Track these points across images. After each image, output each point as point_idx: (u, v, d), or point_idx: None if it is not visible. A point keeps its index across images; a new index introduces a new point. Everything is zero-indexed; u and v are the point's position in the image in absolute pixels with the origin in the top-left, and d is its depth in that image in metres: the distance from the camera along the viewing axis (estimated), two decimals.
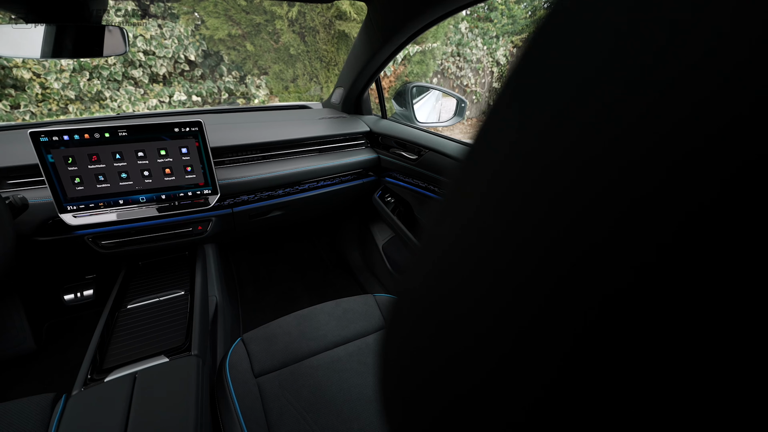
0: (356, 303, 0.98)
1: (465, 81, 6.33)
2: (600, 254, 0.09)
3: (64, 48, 0.67)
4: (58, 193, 0.85)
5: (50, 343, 1.35)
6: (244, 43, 3.58)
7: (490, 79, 6.57)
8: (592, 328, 0.09)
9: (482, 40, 6.14)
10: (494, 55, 6.31)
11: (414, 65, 4.27)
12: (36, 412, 0.69)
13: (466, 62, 6.18)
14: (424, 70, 4.39)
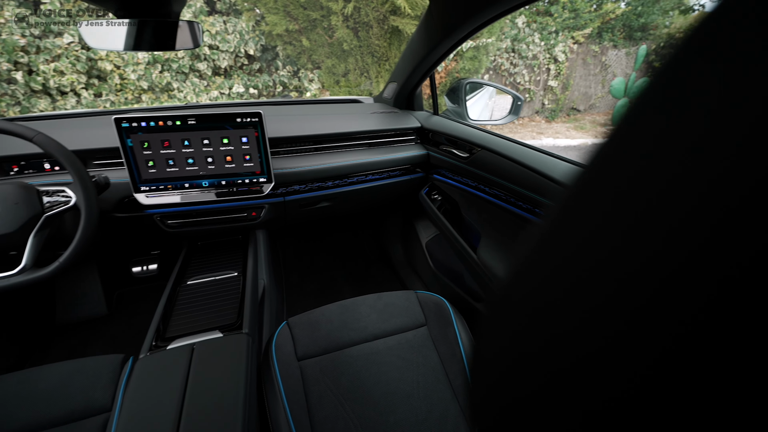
0: (398, 298, 0.98)
1: (518, 78, 6.09)
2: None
3: (145, 42, 0.73)
4: (134, 175, 0.93)
5: (119, 309, 1.50)
6: (300, 38, 3.69)
7: (546, 77, 6.26)
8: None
9: (540, 36, 5.86)
10: (552, 52, 6.00)
11: (466, 61, 4.17)
12: (108, 370, 0.77)
13: (521, 59, 5.93)
14: (476, 67, 4.27)
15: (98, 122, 1.12)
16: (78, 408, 0.71)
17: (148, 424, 0.59)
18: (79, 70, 3.39)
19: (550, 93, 6.40)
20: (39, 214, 0.78)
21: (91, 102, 3.53)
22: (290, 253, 1.77)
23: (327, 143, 1.16)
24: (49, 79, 3.30)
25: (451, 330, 0.90)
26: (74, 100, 3.48)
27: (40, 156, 0.95)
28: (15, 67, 3.20)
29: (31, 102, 3.33)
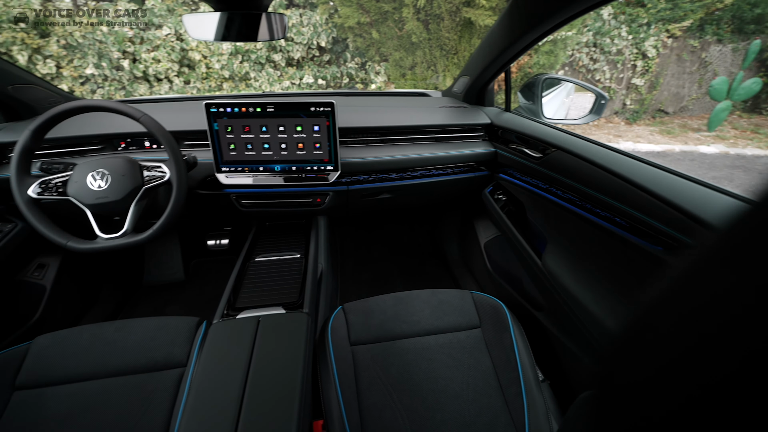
0: (452, 296, 0.97)
1: (598, 75, 5.60)
2: None
3: (238, 32, 0.79)
4: (217, 156, 1.02)
5: (194, 277, 1.65)
6: (371, 30, 3.74)
7: (630, 74, 5.68)
8: None
9: (628, 29, 5.32)
10: (641, 47, 5.42)
11: (541, 55, 3.93)
12: (185, 330, 0.86)
13: (603, 54, 5.44)
14: (551, 62, 4.00)
15: (188, 107, 1.24)
16: (160, 360, 0.80)
17: (219, 384, 0.64)
18: (173, 59, 3.76)
19: (633, 92, 5.81)
20: (140, 186, 0.88)
21: (181, 88, 3.90)
22: (348, 241, 1.82)
23: (393, 135, 1.17)
24: (148, 67, 3.71)
25: (507, 336, 0.86)
26: (167, 86, 3.88)
27: (143, 135, 1.08)
28: (123, 55, 3.64)
29: (133, 87, 3.78)
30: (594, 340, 0.83)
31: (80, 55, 3.53)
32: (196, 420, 0.59)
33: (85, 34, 3.48)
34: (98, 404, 0.73)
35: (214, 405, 0.61)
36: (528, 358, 0.83)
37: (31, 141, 0.83)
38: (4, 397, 0.72)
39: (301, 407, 0.61)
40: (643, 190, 0.69)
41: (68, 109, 0.84)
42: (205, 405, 0.61)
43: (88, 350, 0.80)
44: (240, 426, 0.58)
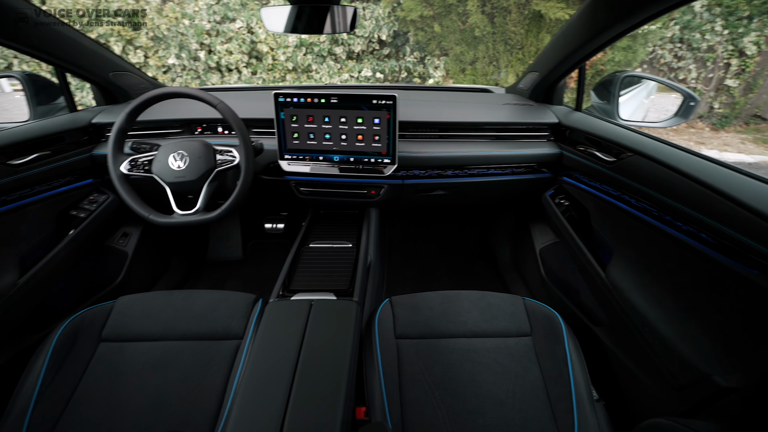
0: (503, 300, 0.94)
1: (682, 75, 5.04)
2: None
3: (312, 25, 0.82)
4: (281, 144, 1.07)
5: (251, 256, 1.76)
6: (433, 24, 3.68)
7: (723, 74, 5.05)
8: None
9: (724, 22, 4.71)
10: (738, 43, 4.78)
11: (617, 52, 3.61)
12: (243, 305, 0.91)
13: (690, 50, 4.88)
14: (628, 59, 3.67)
15: (256, 96, 1.31)
16: (220, 330, 0.86)
17: (273, 360, 0.68)
18: (243, 51, 3.99)
19: (724, 94, 5.15)
20: (212, 169, 0.95)
21: (248, 78, 4.14)
22: (397, 234, 1.83)
23: (452, 131, 1.14)
24: (221, 58, 3.97)
25: (560, 348, 0.82)
26: (237, 76, 4.13)
27: (217, 121, 1.16)
28: (200, 47, 3.94)
29: (207, 76, 4.07)
30: (662, 365, 0.76)
31: (164, 46, 3.87)
32: (251, 390, 0.63)
33: (170, 27, 3.80)
34: (167, 363, 0.80)
35: (268, 379, 0.65)
36: (582, 374, 0.78)
37: (126, 122, 0.93)
38: (92, 346, 0.82)
39: (348, 391, 0.63)
40: (737, 204, 0.61)
41: (158, 95, 0.92)
42: (260, 378, 0.65)
43: (160, 314, 0.88)
44: (291, 401, 0.61)
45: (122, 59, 1.22)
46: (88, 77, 1.14)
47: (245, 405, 0.60)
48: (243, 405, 0.60)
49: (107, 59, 1.15)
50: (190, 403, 0.74)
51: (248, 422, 0.58)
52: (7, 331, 0.93)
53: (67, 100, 1.15)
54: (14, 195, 0.93)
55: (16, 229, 0.95)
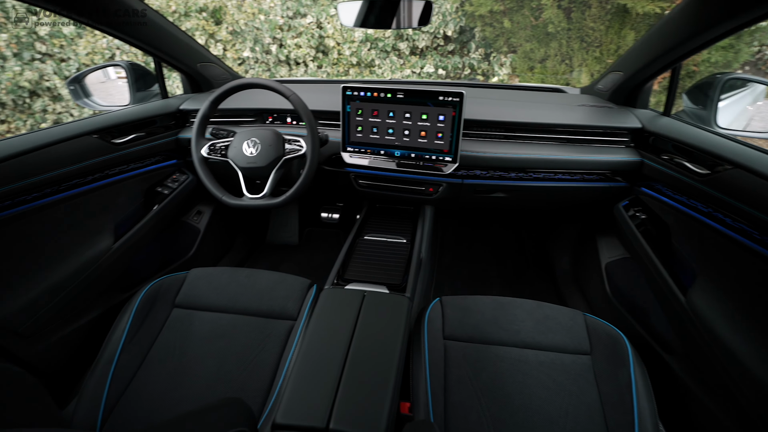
0: (561, 314, 0.88)
1: None
2: None
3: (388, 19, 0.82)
4: (345, 136, 1.10)
5: (305, 242, 1.84)
6: (503, 19, 3.54)
7: None
8: None
9: None
10: None
11: (714, 51, 3.20)
12: (299, 288, 0.96)
13: None
14: (728, 59, 3.23)
15: (322, 88, 1.36)
16: (276, 309, 0.91)
17: (325, 344, 0.71)
18: (311, 45, 4.15)
19: None
20: (281, 157, 1.00)
21: (313, 72, 4.30)
22: (449, 235, 1.80)
23: (519, 132, 1.09)
24: (290, 52, 4.16)
25: (624, 372, 0.75)
26: (303, 69, 4.31)
27: (287, 111, 1.22)
28: (273, 41, 4.16)
29: (276, 69, 4.29)
30: (750, 407, 0.67)
31: (241, 40, 4.15)
32: (305, 371, 0.66)
33: (247, 22, 4.06)
34: (228, 334, 0.87)
35: (320, 362, 0.67)
36: (649, 404, 0.71)
37: (209, 110, 1.01)
38: (167, 311, 0.91)
39: (396, 385, 0.63)
40: None
41: (238, 85, 0.99)
42: (313, 360, 0.68)
43: (225, 288, 0.95)
44: (341, 386, 0.63)
45: (208, 51, 1.33)
46: (180, 67, 1.25)
47: (298, 384, 0.63)
48: (296, 383, 0.63)
49: (196, 51, 1.26)
50: (246, 373, 0.80)
51: (301, 400, 0.61)
52: (102, 288, 1.06)
53: (160, 88, 1.28)
54: (115, 170, 1.06)
55: (114, 200, 1.08)
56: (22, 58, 4.29)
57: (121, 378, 0.78)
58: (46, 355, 0.90)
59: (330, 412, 0.59)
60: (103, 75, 1.37)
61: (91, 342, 1.00)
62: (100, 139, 1.01)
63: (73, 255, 0.96)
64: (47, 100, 4.50)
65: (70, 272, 0.95)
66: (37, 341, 0.88)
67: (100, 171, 1.01)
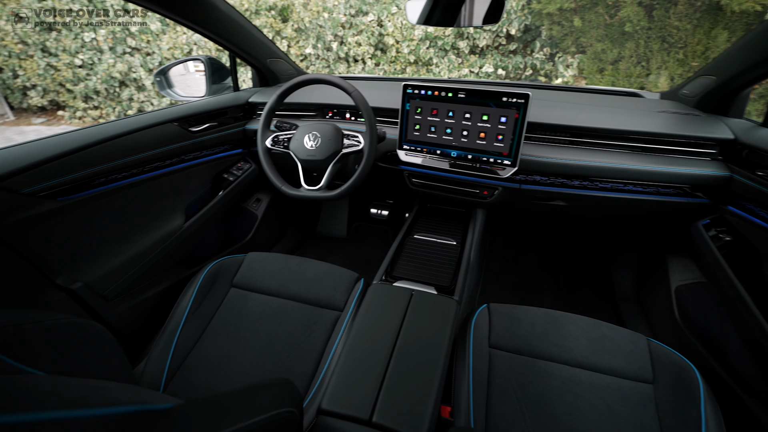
0: (620, 335, 0.82)
1: None
2: None
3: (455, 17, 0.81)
4: (402, 134, 1.10)
5: (353, 236, 1.88)
6: (573, 17, 3.34)
7: None
8: None
9: None
10: None
11: None
12: (346, 280, 0.98)
13: None
14: None
15: (381, 86, 1.37)
16: (324, 299, 0.94)
17: (372, 338, 0.72)
18: (371, 43, 4.21)
19: None
20: (339, 151, 1.03)
21: (371, 69, 4.36)
22: (498, 240, 1.74)
23: (587, 138, 1.03)
24: (350, 49, 4.25)
25: (693, 408, 0.68)
26: (361, 67, 4.38)
27: (346, 107, 1.24)
28: (334, 38, 4.27)
29: (335, 66, 4.41)
30: None
31: (304, 37, 4.31)
32: (351, 361, 0.68)
33: (312, 20, 4.21)
34: (279, 317, 0.91)
35: (366, 355, 0.68)
36: None
37: (276, 103, 1.07)
38: (225, 290, 0.98)
39: (440, 386, 0.63)
40: None
41: (305, 80, 1.03)
42: (359, 352, 0.69)
43: (279, 273, 1.00)
44: (386, 382, 0.63)
45: (277, 47, 1.40)
46: (251, 62, 1.33)
47: (344, 374, 0.65)
48: (342, 373, 0.65)
49: (267, 47, 1.33)
50: (292, 356, 0.83)
51: (346, 390, 0.63)
52: (172, 263, 1.16)
53: (233, 81, 1.37)
54: (189, 156, 1.15)
55: (186, 184, 1.18)
56: (115, 51, 4.81)
57: (183, 346, 0.85)
58: (123, 318, 1.00)
59: (374, 405, 0.60)
60: (183, 68, 1.49)
61: (160, 311, 1.10)
62: (180, 126, 1.10)
63: (150, 231, 1.07)
64: (133, 90, 5.01)
65: (148, 246, 1.05)
66: (117, 305, 0.98)
67: (177, 156, 1.11)
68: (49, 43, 4.87)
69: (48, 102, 5.47)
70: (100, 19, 4.64)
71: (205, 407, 0.40)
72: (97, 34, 4.71)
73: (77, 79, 4.99)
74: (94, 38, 4.72)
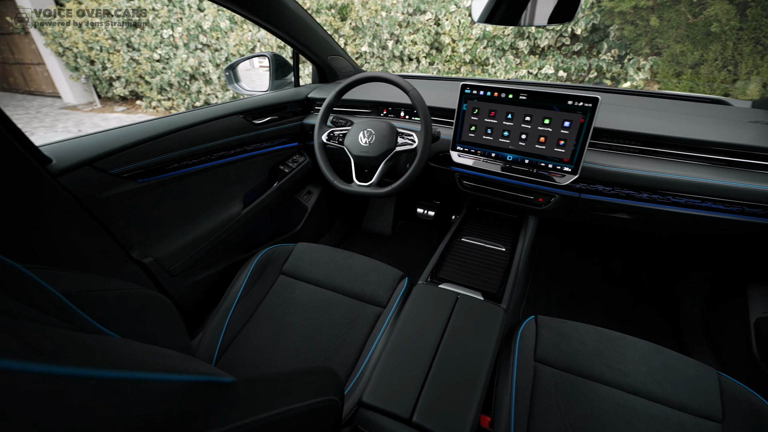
0: (686, 365, 0.75)
1: None
2: None
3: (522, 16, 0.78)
4: (456, 135, 1.08)
5: (397, 235, 1.88)
6: (649, 16, 3.08)
7: None
8: None
9: None
10: None
11: None
12: (390, 278, 0.98)
13: None
14: None
15: (436, 85, 1.35)
16: (367, 294, 0.96)
17: (415, 338, 0.72)
18: (426, 42, 4.18)
19: None
20: (392, 149, 1.04)
21: (424, 68, 4.33)
22: (548, 250, 1.66)
23: (661, 147, 0.94)
24: (405, 48, 4.26)
25: None
26: (415, 66, 4.37)
27: (401, 105, 1.25)
28: (390, 37, 4.30)
29: (389, 64, 4.44)
30: None
31: (361, 35, 4.38)
32: (393, 358, 0.68)
33: (369, 19, 4.27)
34: (323, 307, 0.94)
35: (409, 354, 0.69)
36: None
37: (334, 99, 1.09)
38: (275, 276, 1.03)
39: (482, 394, 0.61)
40: None
41: (364, 78, 1.05)
42: (402, 351, 0.70)
43: (325, 265, 1.03)
44: (428, 383, 0.63)
45: (338, 45, 1.43)
46: (314, 59, 1.38)
47: (386, 370, 0.66)
48: (384, 369, 0.66)
49: (330, 44, 1.37)
50: (334, 347, 0.86)
51: (388, 386, 0.63)
52: (229, 247, 1.24)
53: (294, 77, 1.43)
54: (251, 146, 1.22)
55: (246, 173, 1.25)
56: (188, 47, 5.20)
57: (235, 325, 0.90)
58: (183, 294, 1.09)
59: (414, 405, 0.60)
60: (249, 64, 1.58)
61: (216, 290, 1.18)
62: (245, 119, 1.17)
63: (213, 215, 1.14)
64: (201, 83, 5.40)
65: (209, 229, 1.13)
66: (180, 281, 1.07)
67: (240, 146, 1.18)
68: (134, 39, 5.38)
69: (129, 92, 6.06)
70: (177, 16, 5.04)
71: (259, 385, 0.42)
72: (174, 31, 5.13)
73: (154, 72, 5.48)
74: (171, 35, 5.15)
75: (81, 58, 5.83)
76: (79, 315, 0.48)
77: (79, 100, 6.45)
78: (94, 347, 0.31)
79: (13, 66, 6.91)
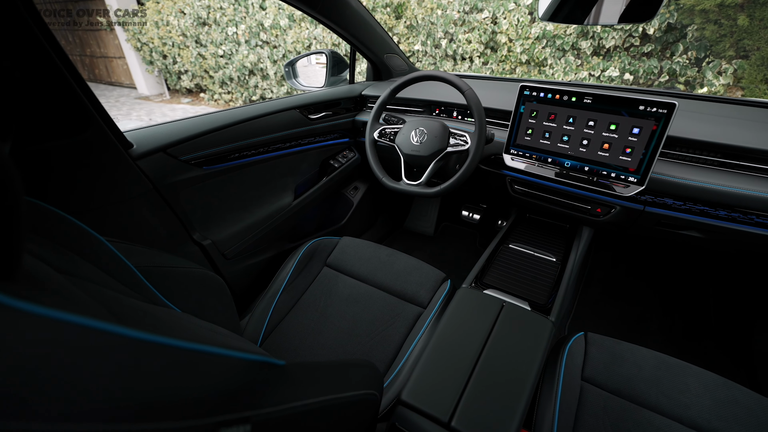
0: (758, 404, 0.68)
1: None
2: None
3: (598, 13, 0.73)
4: (511, 138, 1.04)
5: (440, 236, 1.86)
6: (737, 15, 2.77)
7: None
8: None
9: None
10: None
11: None
12: (433, 279, 0.97)
13: None
14: None
15: (491, 85, 1.31)
16: (408, 293, 0.95)
17: (458, 342, 0.71)
18: (481, 41, 4.07)
19: None
20: (443, 149, 1.03)
21: (477, 68, 4.23)
22: (600, 265, 1.56)
23: (745, 161, 0.85)
24: (459, 47, 4.18)
25: None
26: (468, 65, 4.28)
27: (454, 105, 1.23)
28: (444, 35, 4.24)
29: (441, 63, 4.38)
30: None
31: (415, 34, 4.37)
32: (434, 359, 0.68)
33: (424, 17, 4.24)
34: (364, 302, 0.95)
35: (451, 358, 0.68)
36: None
37: (389, 97, 1.10)
38: (319, 267, 1.06)
39: (525, 408, 0.59)
40: None
41: (419, 77, 1.04)
42: (444, 352, 0.69)
43: (369, 260, 1.05)
44: (468, 389, 0.62)
45: (395, 43, 1.44)
46: (370, 56, 1.40)
47: (427, 370, 0.65)
48: (425, 369, 0.65)
49: (386, 42, 1.38)
50: (373, 342, 0.86)
51: (428, 387, 0.63)
52: (278, 235, 1.30)
53: (350, 74, 1.46)
54: (305, 141, 1.26)
55: (298, 166, 1.29)
56: (250, 44, 5.48)
57: (279, 311, 0.94)
58: (235, 277, 1.16)
59: (454, 410, 0.59)
60: (306, 61, 1.64)
61: (264, 276, 1.24)
62: (301, 113, 1.21)
63: (266, 204, 1.20)
64: (259, 79, 5.67)
65: (262, 217, 1.19)
66: (233, 264, 1.13)
67: (295, 140, 1.22)
68: (202, 36, 5.77)
69: (194, 85, 6.51)
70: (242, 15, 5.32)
71: (308, 371, 0.44)
72: (237, 28, 5.43)
73: (218, 66, 5.84)
74: (235, 32, 5.45)
75: (155, 52, 6.36)
76: (147, 288, 0.52)
77: (152, 91, 7.04)
78: (164, 319, 0.34)
79: (99, 59, 7.69)
